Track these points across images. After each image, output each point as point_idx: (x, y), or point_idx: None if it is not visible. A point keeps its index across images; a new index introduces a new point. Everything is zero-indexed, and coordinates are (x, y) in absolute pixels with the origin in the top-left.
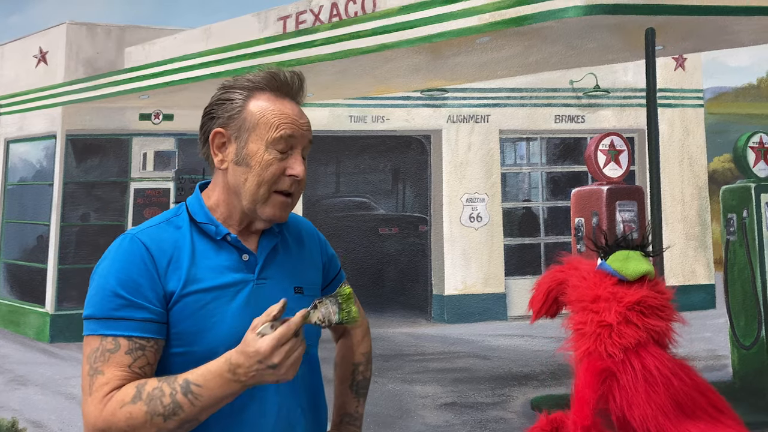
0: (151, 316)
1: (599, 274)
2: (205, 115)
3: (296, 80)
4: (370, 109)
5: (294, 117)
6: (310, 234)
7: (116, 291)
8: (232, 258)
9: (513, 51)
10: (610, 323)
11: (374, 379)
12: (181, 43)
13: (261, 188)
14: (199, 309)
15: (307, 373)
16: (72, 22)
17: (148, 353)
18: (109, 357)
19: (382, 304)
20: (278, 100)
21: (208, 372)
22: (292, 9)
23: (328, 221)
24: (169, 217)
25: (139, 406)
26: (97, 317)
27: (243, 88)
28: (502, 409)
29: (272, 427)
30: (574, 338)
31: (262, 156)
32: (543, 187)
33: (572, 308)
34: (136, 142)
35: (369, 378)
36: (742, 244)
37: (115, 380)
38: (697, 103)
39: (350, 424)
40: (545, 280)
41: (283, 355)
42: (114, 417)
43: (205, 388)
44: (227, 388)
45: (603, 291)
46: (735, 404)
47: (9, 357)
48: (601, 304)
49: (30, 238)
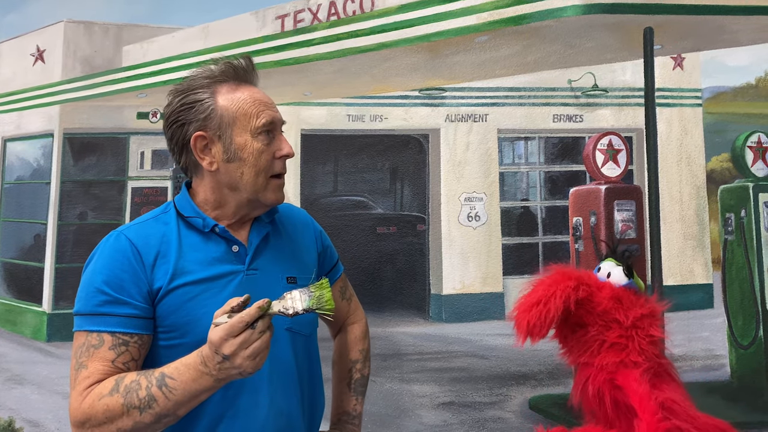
0: (134, 312)
1: (632, 293)
2: (172, 125)
3: (248, 63)
4: (368, 108)
5: (265, 100)
6: (305, 223)
7: (101, 288)
8: (221, 249)
9: (511, 50)
10: (658, 336)
11: (372, 378)
12: (179, 42)
13: (259, 177)
14: (188, 301)
15: (305, 364)
16: (69, 21)
17: (132, 349)
18: (93, 352)
19: (380, 303)
20: (240, 87)
21: (182, 365)
22: (290, 8)
23: (326, 220)
24: (157, 214)
25: (116, 399)
26: (83, 313)
27: (203, 86)
28: (500, 409)
29: (264, 418)
30: (606, 351)
31: (252, 146)
32: (541, 186)
33: (596, 327)
34: (133, 140)
35: (367, 376)
36: (740, 243)
37: (96, 374)
38: (696, 102)
39: (348, 422)
40: (558, 302)
41: (236, 346)
42: (92, 409)
43: (179, 381)
44: (201, 382)
45: (643, 309)
46: (733, 404)
47: (6, 356)
48: (646, 320)
49: (27, 237)
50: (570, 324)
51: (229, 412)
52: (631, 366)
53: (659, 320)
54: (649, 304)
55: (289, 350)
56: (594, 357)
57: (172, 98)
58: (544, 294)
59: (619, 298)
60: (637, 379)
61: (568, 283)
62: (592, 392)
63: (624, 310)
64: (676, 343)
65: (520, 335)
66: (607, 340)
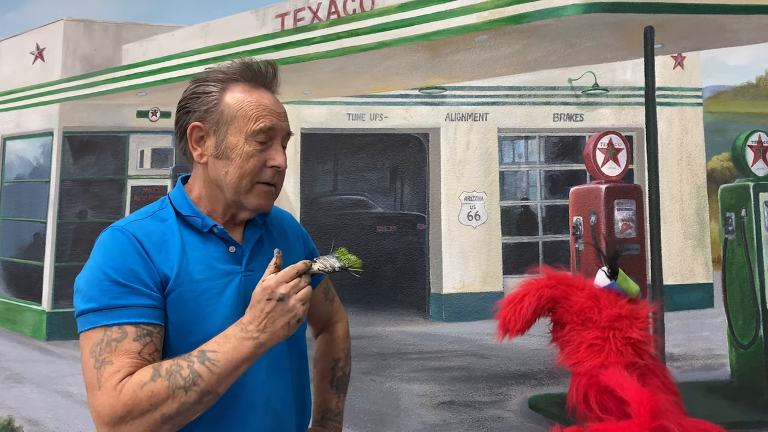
0: (153, 303)
1: (612, 294)
2: (180, 110)
3: (270, 69)
4: (368, 107)
5: (272, 107)
6: (293, 226)
7: (115, 279)
8: (219, 250)
9: (512, 49)
10: (636, 338)
11: (372, 377)
12: (178, 40)
13: (243, 180)
14: (191, 300)
15: (296, 364)
16: (69, 19)
17: (155, 339)
18: (116, 346)
19: (380, 302)
20: (254, 90)
21: (221, 338)
22: (291, 6)
23: (325, 219)
24: (154, 211)
25: (160, 383)
26: (96, 309)
27: (217, 80)
28: (500, 408)
29: (261, 418)
30: (583, 352)
31: (243, 148)
32: (541, 185)
33: (572, 324)
34: (133, 139)
35: (349, 374)
36: (741, 243)
37: (126, 368)
38: (696, 101)
39: (331, 419)
40: (531, 298)
41: (289, 288)
42: (135, 398)
43: (220, 353)
44: (242, 349)
45: (622, 310)
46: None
47: (5, 355)
48: (624, 321)
49: (27, 236)
50: (556, 325)
51: (227, 414)
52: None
53: (641, 322)
54: (630, 306)
55: (284, 351)
56: (572, 356)
57: (189, 84)
58: (520, 291)
59: (596, 298)
60: (622, 374)
61: (545, 281)
62: (578, 398)
63: (599, 309)
64: (677, 342)
65: (498, 331)
66: (585, 340)
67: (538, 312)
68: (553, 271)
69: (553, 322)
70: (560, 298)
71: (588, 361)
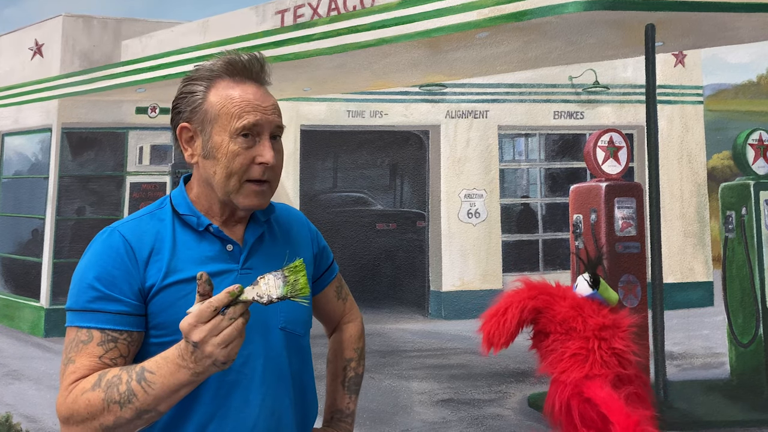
0: (125, 309)
1: (594, 303)
2: (173, 110)
3: (256, 62)
4: (368, 104)
5: (256, 102)
6: (301, 224)
7: (92, 284)
8: (215, 248)
9: (512, 46)
10: (620, 348)
11: (371, 375)
12: (178, 37)
13: (231, 180)
14: (180, 299)
15: (297, 364)
16: (68, 15)
17: (120, 345)
18: (81, 348)
19: (379, 300)
20: (238, 86)
21: (161, 359)
22: (290, 2)
23: (325, 216)
24: (153, 210)
25: (97, 393)
26: (74, 309)
27: (203, 78)
28: (499, 406)
29: (256, 417)
30: (567, 361)
31: (228, 147)
32: (541, 183)
33: (555, 334)
34: (132, 135)
35: (362, 375)
36: (741, 241)
37: (83, 369)
38: (697, 99)
39: (341, 420)
40: (514, 311)
41: (205, 333)
42: (75, 404)
43: (157, 375)
44: (179, 376)
45: (605, 320)
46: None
47: (3, 351)
48: (608, 331)
49: (25, 232)
50: (539, 334)
51: (220, 411)
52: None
53: (623, 332)
54: (613, 316)
55: (282, 350)
56: (556, 365)
57: (181, 82)
58: (502, 304)
59: (579, 307)
60: (607, 390)
61: (527, 293)
62: (557, 407)
63: (583, 319)
64: (676, 340)
65: (483, 345)
66: (568, 350)
67: (522, 324)
68: (534, 282)
69: (536, 332)
70: (543, 308)
71: (572, 371)
